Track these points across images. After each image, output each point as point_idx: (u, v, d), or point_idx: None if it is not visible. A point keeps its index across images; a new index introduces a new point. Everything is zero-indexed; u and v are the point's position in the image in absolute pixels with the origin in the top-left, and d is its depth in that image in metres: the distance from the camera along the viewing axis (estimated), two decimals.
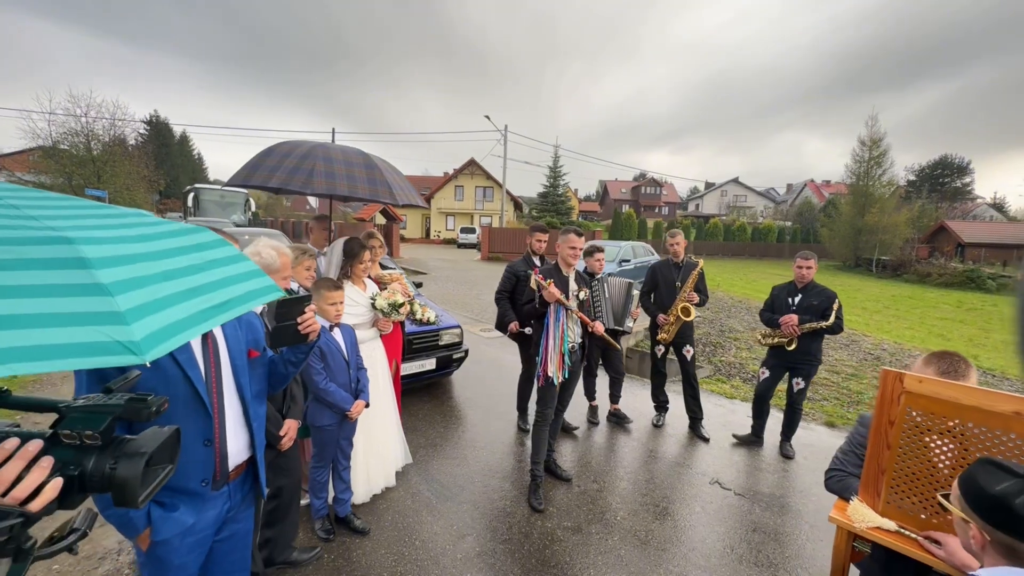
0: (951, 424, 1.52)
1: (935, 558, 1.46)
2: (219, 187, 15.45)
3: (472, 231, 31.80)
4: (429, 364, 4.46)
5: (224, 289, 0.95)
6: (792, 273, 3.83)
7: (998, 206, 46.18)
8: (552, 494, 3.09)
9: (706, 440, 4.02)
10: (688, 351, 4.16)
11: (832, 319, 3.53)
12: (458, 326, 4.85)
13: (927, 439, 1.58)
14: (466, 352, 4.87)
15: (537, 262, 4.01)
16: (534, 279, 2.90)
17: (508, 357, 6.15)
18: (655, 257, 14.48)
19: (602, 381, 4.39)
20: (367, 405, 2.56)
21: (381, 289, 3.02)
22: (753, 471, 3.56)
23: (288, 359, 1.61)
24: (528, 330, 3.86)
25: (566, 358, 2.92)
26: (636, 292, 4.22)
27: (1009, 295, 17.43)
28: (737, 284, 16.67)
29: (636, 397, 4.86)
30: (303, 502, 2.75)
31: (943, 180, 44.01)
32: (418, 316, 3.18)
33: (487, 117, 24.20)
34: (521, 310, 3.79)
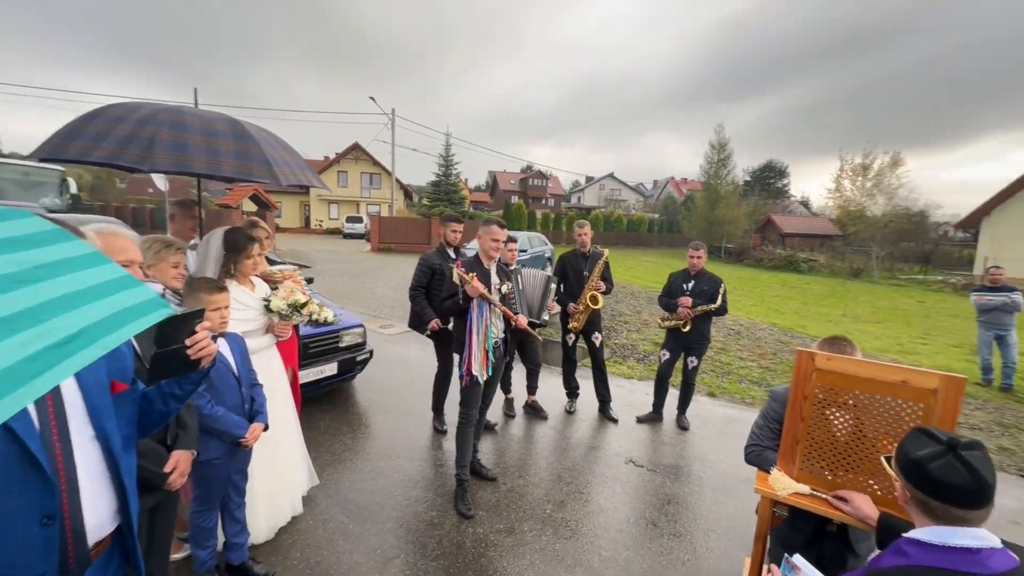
0: (847, 398, 1.74)
1: (843, 513, 1.66)
2: (21, 162, 12.07)
3: (359, 220, 29.81)
4: (330, 369, 3.99)
5: (70, 315, 0.63)
6: (686, 262, 4.20)
7: (805, 203, 57.22)
8: (480, 496, 2.97)
9: (615, 421, 4.24)
10: (597, 338, 4.33)
11: (719, 302, 3.95)
12: (360, 325, 4.42)
13: (827, 412, 1.78)
14: (371, 353, 4.47)
15: (452, 254, 3.80)
16: (456, 273, 2.71)
17: (415, 354, 5.84)
18: (549, 248, 15.05)
19: (516, 373, 4.36)
20: (266, 427, 2.15)
21: (273, 288, 2.56)
22: (659, 446, 3.85)
23: (170, 392, 1.22)
24: (449, 325, 3.64)
25: (490, 355, 2.80)
26: (554, 286, 4.23)
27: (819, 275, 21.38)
28: (618, 271, 18.13)
29: (546, 384, 4.94)
30: (177, 555, 2.24)
31: (769, 181, 53.10)
32: (315, 317, 2.78)
33: (372, 99, 22.76)
34: (439, 306, 3.57)
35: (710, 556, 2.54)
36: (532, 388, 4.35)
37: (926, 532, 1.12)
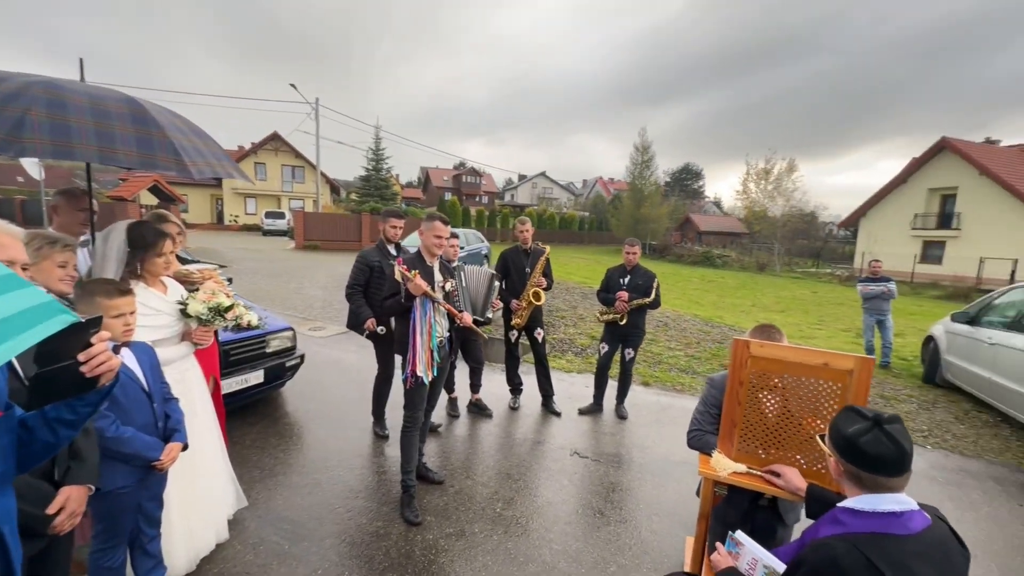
0: (775, 381, 1.89)
1: (775, 487, 1.80)
2: None
3: (281, 216, 27.79)
4: (255, 378, 3.66)
5: None
6: (617, 259, 4.37)
7: (718, 203, 62.36)
8: (427, 501, 2.87)
9: (558, 415, 4.32)
10: (539, 333, 4.38)
11: (653, 295, 4.15)
12: (289, 328, 4.11)
13: (760, 395, 1.93)
14: (302, 358, 4.16)
15: (392, 251, 3.64)
16: (398, 270, 2.59)
17: (351, 357, 5.54)
18: (486, 245, 15.01)
19: (460, 372, 4.29)
20: (185, 447, 1.91)
21: (191, 290, 2.28)
22: (601, 436, 3.97)
23: (58, 418, 1.02)
24: (381, 329, 3.48)
25: (435, 354, 2.71)
26: (498, 283, 4.20)
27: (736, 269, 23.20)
28: (553, 268, 18.51)
29: (489, 382, 4.91)
30: None
31: (687, 182, 57.24)
32: (239, 321, 2.53)
33: (293, 86, 21.28)
34: (380, 305, 3.40)
35: (655, 538, 2.66)
36: (476, 386, 4.30)
37: (857, 501, 1.23)
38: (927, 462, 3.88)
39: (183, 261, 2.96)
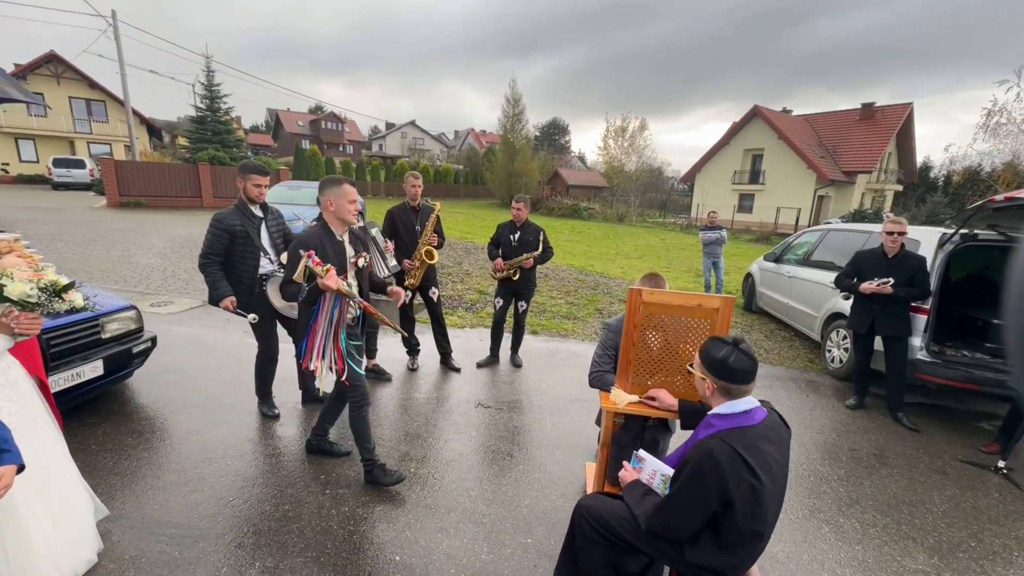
0: (659, 321, 2.19)
1: (654, 408, 2.14)
2: None
3: (79, 164, 21.87)
4: (92, 370, 3.00)
5: None
6: (493, 214, 4.48)
7: (583, 158, 66.49)
8: (337, 474, 2.76)
9: (458, 370, 4.42)
10: (434, 292, 4.33)
11: (540, 248, 4.37)
12: (131, 307, 3.41)
13: (647, 334, 2.23)
14: (153, 341, 3.52)
15: (258, 212, 3.17)
16: (305, 266, 2.21)
17: (210, 334, 4.84)
18: (360, 200, 13.92)
19: None
20: (21, 468, 1.52)
21: None
22: (500, 385, 4.19)
23: None
24: (253, 318, 3.05)
25: (350, 359, 2.47)
26: (375, 229, 3.96)
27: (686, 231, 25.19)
28: None
29: (384, 346, 4.77)
30: None
31: (554, 137, 59.55)
32: (57, 306, 2.05)
33: None
34: (240, 278, 3.01)
35: (558, 469, 2.97)
36: (371, 352, 4.14)
37: (722, 407, 1.59)
38: None
39: None
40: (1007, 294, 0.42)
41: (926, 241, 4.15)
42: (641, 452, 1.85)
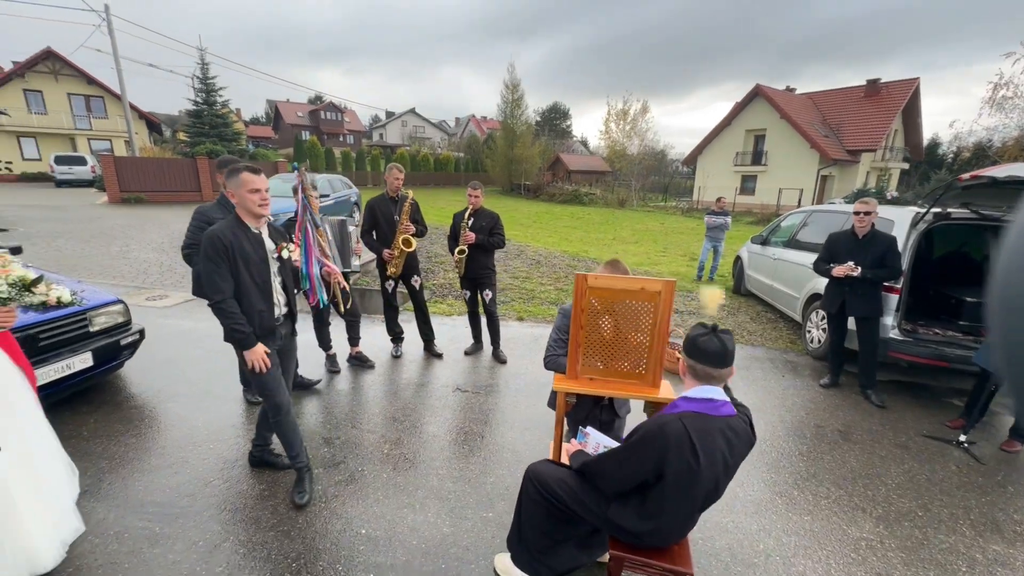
0: (610, 306, 2.28)
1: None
2: None
3: (80, 161, 22.09)
4: (81, 362, 3.15)
5: None
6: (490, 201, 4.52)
7: (584, 143, 65.81)
8: (313, 455, 2.89)
9: (440, 356, 4.54)
10: (416, 281, 4.43)
11: (487, 236, 4.28)
12: (118, 301, 3.54)
13: (599, 320, 2.31)
14: (141, 333, 3.66)
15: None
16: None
17: (201, 326, 5.00)
18: (355, 191, 14.03)
19: (335, 327, 4.19)
20: None
21: None
22: (481, 371, 4.31)
23: None
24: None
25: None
26: (352, 229, 4.08)
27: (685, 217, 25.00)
28: (430, 213, 18.20)
29: (369, 334, 4.89)
30: None
31: (555, 121, 58.90)
32: (39, 300, 2.18)
33: None
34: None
35: (527, 447, 3.10)
36: (354, 339, 4.27)
37: (691, 391, 1.65)
38: None
39: None
40: (993, 273, 0.41)
41: (899, 220, 4.17)
42: (588, 428, 1.96)
